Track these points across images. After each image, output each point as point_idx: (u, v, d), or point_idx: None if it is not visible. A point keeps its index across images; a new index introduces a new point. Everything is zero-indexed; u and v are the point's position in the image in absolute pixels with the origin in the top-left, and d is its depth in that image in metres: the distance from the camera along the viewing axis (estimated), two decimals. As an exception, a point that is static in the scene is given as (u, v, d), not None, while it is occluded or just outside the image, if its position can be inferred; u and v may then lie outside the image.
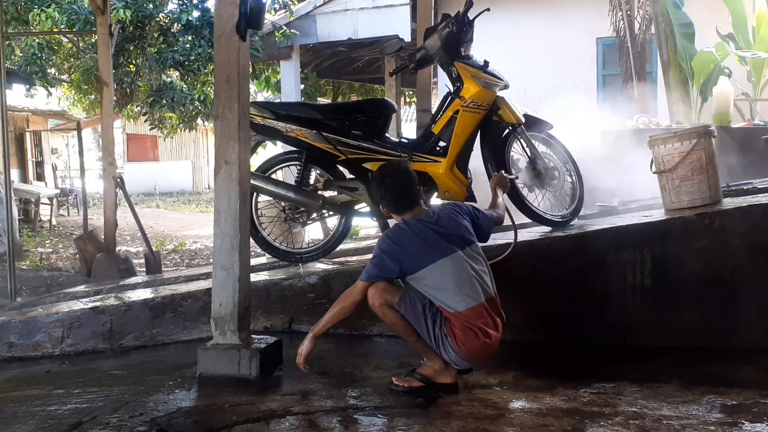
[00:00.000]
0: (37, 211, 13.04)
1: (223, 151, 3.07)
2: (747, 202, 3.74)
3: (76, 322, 3.99)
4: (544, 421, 2.53)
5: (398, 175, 2.95)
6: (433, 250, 2.80)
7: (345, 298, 2.88)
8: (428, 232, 2.84)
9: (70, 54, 11.25)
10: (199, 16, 9.87)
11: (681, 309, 3.55)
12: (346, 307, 2.87)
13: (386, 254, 2.82)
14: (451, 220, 2.93)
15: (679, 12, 7.53)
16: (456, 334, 2.78)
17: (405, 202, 2.93)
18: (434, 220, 2.90)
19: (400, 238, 2.85)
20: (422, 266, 2.80)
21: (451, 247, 2.83)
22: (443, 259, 2.80)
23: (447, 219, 2.93)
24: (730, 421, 2.53)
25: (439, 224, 2.88)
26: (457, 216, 2.97)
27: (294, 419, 2.57)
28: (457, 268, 2.81)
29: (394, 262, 2.80)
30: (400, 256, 2.80)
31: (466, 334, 2.77)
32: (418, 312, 2.80)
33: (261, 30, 4.81)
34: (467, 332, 2.77)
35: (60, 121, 18.05)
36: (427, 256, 2.80)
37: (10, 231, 7.11)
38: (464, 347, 2.78)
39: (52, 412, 2.81)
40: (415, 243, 2.82)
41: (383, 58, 12.06)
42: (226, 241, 3.07)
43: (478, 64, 3.97)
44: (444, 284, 2.80)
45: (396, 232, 2.89)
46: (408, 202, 2.93)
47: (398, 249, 2.82)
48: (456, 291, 2.79)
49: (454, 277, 2.80)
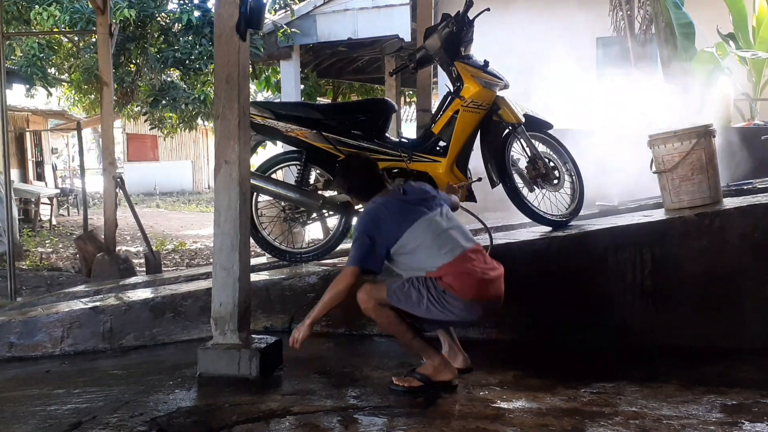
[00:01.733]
0: (37, 211, 13.03)
1: (223, 151, 3.07)
2: (747, 202, 3.74)
3: (76, 322, 3.99)
4: (544, 421, 2.53)
5: (360, 165, 3.15)
6: (405, 218, 2.92)
7: (337, 284, 2.89)
8: (398, 204, 2.98)
9: (71, 54, 11.26)
10: (200, 16, 9.87)
11: (681, 309, 3.55)
12: (341, 291, 2.88)
13: (365, 233, 2.91)
14: (417, 190, 3.09)
15: (679, 12, 7.52)
16: (453, 286, 2.81)
17: (372, 188, 3.07)
18: (401, 194, 3.05)
19: (372, 216, 2.97)
20: (400, 234, 2.89)
21: (422, 210, 2.95)
22: (417, 222, 2.91)
23: (413, 190, 3.09)
24: (731, 420, 2.53)
25: (407, 195, 3.04)
26: (422, 186, 3.15)
27: (294, 419, 2.57)
28: (433, 227, 2.91)
29: (374, 238, 2.89)
30: (378, 232, 2.89)
31: (462, 279, 2.81)
32: (408, 292, 2.84)
33: (261, 30, 4.82)
34: (462, 277, 2.81)
35: (60, 121, 18.05)
36: (402, 224, 2.90)
37: (10, 231, 7.10)
38: (465, 291, 2.80)
39: (52, 412, 2.80)
40: (388, 217, 2.93)
41: (383, 58, 12.05)
42: (226, 240, 3.07)
43: (478, 64, 3.97)
44: (425, 243, 2.87)
45: (369, 212, 3.01)
46: (374, 187, 3.07)
47: (373, 226, 2.91)
48: (438, 246, 2.86)
49: (432, 235, 2.89)
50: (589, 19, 8.71)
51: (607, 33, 8.56)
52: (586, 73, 9.22)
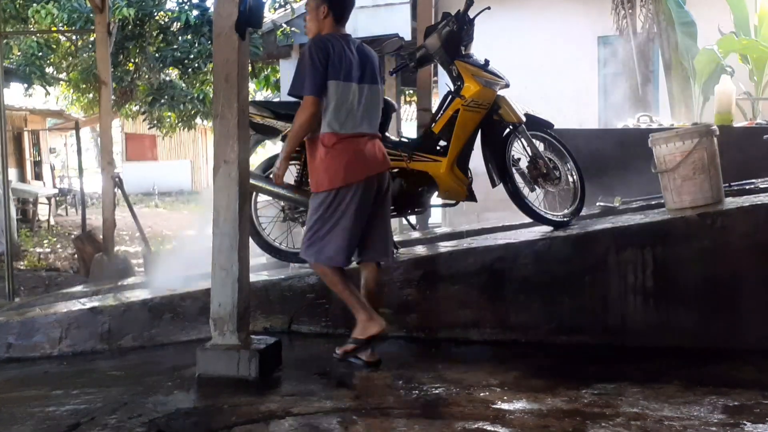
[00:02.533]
0: (36, 211, 13.01)
1: (222, 151, 3.05)
2: (749, 201, 3.73)
3: (75, 322, 3.98)
4: (545, 422, 2.52)
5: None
6: (344, 69, 3.11)
7: (300, 114, 3.08)
8: (346, 52, 3.14)
9: (69, 53, 11.23)
10: (199, 15, 9.86)
11: (682, 309, 3.54)
12: (306, 120, 3.07)
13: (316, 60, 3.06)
14: (367, 56, 3.24)
15: (681, 10, 7.51)
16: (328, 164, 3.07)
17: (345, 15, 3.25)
18: (355, 45, 3.22)
19: (320, 47, 3.11)
20: (334, 77, 3.08)
21: (358, 75, 3.15)
22: (349, 83, 3.12)
23: (363, 52, 3.23)
24: (732, 422, 2.52)
25: (357, 51, 3.20)
26: (371, 54, 3.27)
27: (294, 420, 2.55)
28: (356, 97, 3.14)
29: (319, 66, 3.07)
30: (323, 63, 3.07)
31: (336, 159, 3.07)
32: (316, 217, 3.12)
33: (260, 29, 4.80)
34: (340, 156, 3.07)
35: (58, 121, 18.03)
36: (339, 71, 3.09)
37: (8, 231, 7.08)
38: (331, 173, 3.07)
39: (50, 413, 2.79)
40: (333, 55, 3.09)
41: (383, 57, 12.04)
42: (225, 241, 3.06)
43: (478, 63, 3.95)
44: (339, 104, 3.09)
45: (317, 43, 3.13)
46: (346, 16, 3.26)
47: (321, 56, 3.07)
48: (346, 114, 3.11)
49: (349, 104, 3.12)
50: (591, 18, 8.70)
51: (608, 32, 8.55)
52: (588, 72, 9.23)
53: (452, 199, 4.08)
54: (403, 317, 3.72)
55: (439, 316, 3.70)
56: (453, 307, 3.68)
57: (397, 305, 3.72)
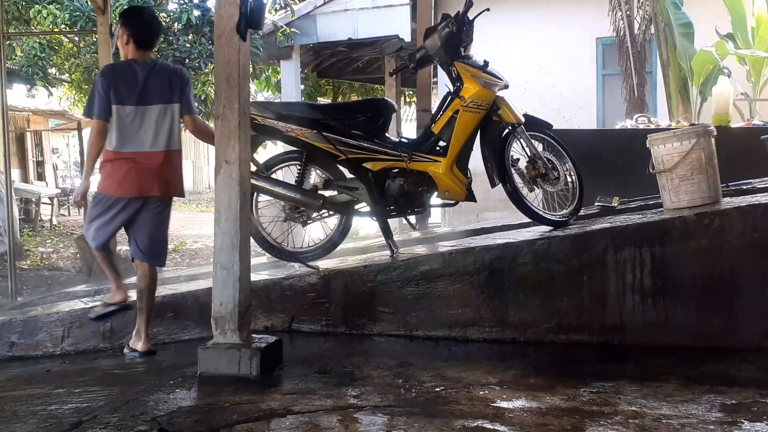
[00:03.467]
0: (38, 211, 13.04)
1: (223, 151, 3.07)
2: (746, 201, 3.75)
3: (77, 321, 4.00)
4: (544, 420, 2.53)
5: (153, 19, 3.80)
6: (127, 94, 3.47)
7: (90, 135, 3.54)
8: (136, 77, 3.49)
9: (71, 53, 11.25)
10: (199, 15, 9.87)
11: (680, 308, 3.55)
12: (94, 140, 3.52)
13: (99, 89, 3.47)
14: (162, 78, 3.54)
15: (678, 12, 7.53)
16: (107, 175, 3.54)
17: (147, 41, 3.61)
18: (150, 67, 3.53)
19: (104, 76, 3.53)
20: (117, 102, 3.47)
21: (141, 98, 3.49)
22: (130, 106, 3.47)
23: (160, 75, 3.54)
24: (730, 420, 2.53)
25: (151, 74, 3.51)
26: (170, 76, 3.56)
27: (294, 418, 2.57)
28: (135, 119, 3.49)
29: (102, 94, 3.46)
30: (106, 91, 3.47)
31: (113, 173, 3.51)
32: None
33: (261, 30, 4.82)
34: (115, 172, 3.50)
35: (61, 121, 18.04)
36: (121, 96, 3.47)
37: (10, 230, 7.11)
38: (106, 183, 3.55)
39: (52, 412, 2.81)
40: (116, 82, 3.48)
41: (383, 58, 12.06)
42: (226, 240, 3.08)
43: (477, 64, 3.98)
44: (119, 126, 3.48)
45: (103, 72, 3.59)
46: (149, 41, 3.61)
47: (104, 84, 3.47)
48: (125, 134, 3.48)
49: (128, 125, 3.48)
50: (590, 19, 8.73)
51: (606, 33, 8.57)
52: (587, 73, 9.25)
53: (452, 199, 4.10)
54: (403, 316, 3.74)
55: (438, 315, 3.72)
56: (452, 306, 3.70)
57: (396, 304, 3.74)
